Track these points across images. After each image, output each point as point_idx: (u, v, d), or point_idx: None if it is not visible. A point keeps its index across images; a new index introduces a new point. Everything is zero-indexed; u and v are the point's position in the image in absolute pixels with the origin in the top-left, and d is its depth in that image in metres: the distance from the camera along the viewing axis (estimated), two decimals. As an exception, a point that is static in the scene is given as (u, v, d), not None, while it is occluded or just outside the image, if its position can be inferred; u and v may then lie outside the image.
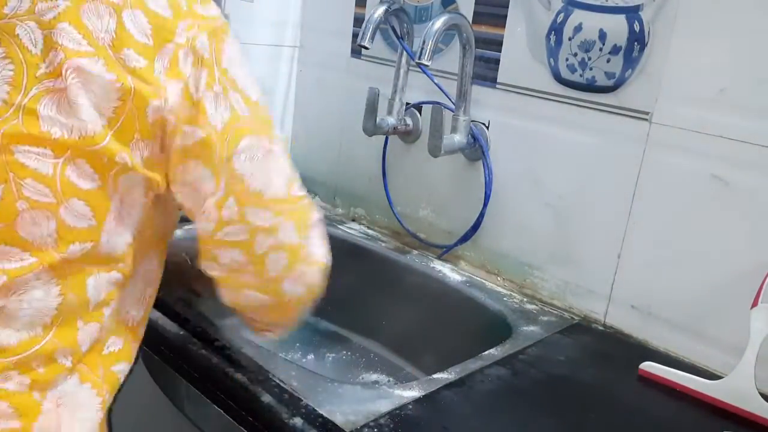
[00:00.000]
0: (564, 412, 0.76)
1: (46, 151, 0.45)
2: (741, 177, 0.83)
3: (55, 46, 0.44)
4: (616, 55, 0.91)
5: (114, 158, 0.47)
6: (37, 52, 0.44)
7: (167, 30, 0.48)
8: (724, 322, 0.85)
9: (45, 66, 0.44)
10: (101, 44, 0.45)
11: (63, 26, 0.45)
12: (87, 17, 0.45)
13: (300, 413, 0.68)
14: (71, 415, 0.51)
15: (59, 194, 0.46)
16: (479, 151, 1.07)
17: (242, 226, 0.55)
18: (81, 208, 0.47)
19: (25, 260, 0.46)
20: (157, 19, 0.47)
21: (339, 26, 1.28)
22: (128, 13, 0.46)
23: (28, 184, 0.45)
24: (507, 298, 1.03)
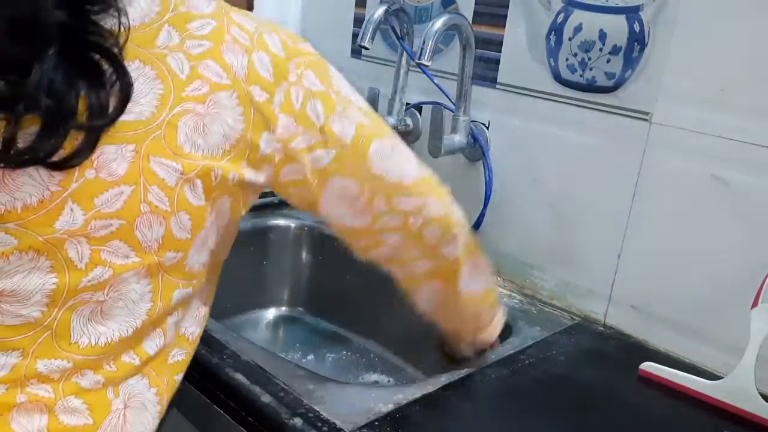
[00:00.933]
0: (564, 412, 0.76)
1: (176, 166, 0.50)
2: (741, 177, 0.83)
3: (200, 77, 0.51)
4: (616, 55, 0.91)
5: (227, 178, 0.53)
6: (183, 78, 0.51)
7: (283, 69, 0.55)
8: (724, 322, 0.85)
9: (190, 90, 0.51)
10: (237, 78, 0.53)
11: (207, 62, 0.52)
12: (227, 55, 0.53)
13: (300, 413, 0.68)
14: (136, 417, 0.54)
15: (174, 205, 0.51)
16: (479, 151, 1.07)
17: (394, 214, 0.65)
18: (185, 221, 0.52)
19: (130, 258, 0.50)
20: (276, 60, 0.55)
21: (339, 26, 1.28)
22: (256, 55, 0.54)
23: (154, 190, 0.50)
24: (507, 298, 1.03)
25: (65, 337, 0.50)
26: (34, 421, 0.50)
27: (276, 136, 0.56)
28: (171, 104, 0.50)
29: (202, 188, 0.52)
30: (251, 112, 0.54)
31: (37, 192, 0.47)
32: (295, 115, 0.56)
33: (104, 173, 0.48)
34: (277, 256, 1.25)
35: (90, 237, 0.49)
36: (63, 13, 0.45)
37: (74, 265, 0.49)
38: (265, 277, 1.24)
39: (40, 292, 0.49)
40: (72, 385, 0.51)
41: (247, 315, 1.21)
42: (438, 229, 0.69)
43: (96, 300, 0.51)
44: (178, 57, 0.51)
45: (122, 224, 0.49)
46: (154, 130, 0.50)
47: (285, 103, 0.55)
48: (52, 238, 0.48)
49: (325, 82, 0.59)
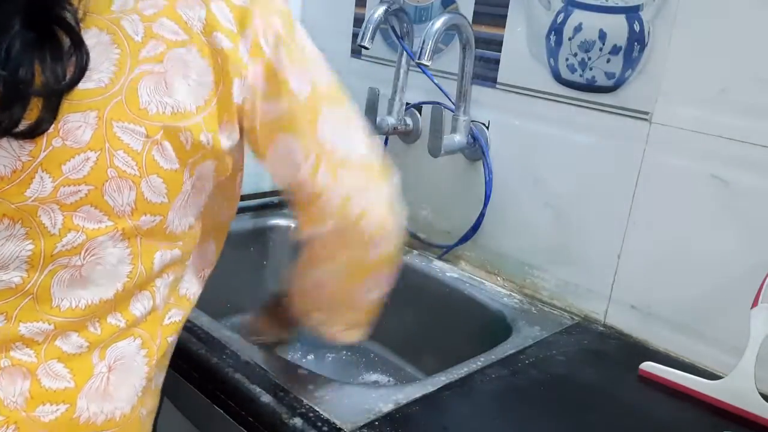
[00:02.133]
0: (564, 412, 0.76)
1: (140, 130, 0.51)
2: (741, 177, 0.83)
3: (156, 36, 0.51)
4: (616, 55, 0.91)
5: (198, 138, 0.53)
6: (138, 40, 0.51)
7: (246, 17, 0.54)
8: (724, 322, 0.85)
9: (146, 51, 0.51)
10: (195, 31, 0.52)
11: (162, 20, 0.52)
12: (182, 10, 0.52)
13: (300, 413, 0.68)
14: (121, 380, 0.55)
15: (143, 169, 0.51)
16: (479, 151, 1.07)
17: (336, 190, 0.61)
18: (158, 185, 0.53)
19: (103, 223, 0.52)
20: (237, 9, 0.54)
21: (339, 26, 1.28)
22: (215, 5, 0.53)
23: (120, 155, 0.51)
24: (507, 298, 1.03)
25: (46, 301, 0.52)
26: (17, 385, 0.51)
27: (248, 82, 0.55)
28: (129, 68, 0.51)
29: (173, 151, 0.52)
30: (218, 61, 0.53)
31: (9, 163, 0.49)
32: (264, 60, 0.55)
33: (70, 141, 0.50)
34: (277, 256, 1.25)
35: (61, 203, 0.50)
36: None
37: (48, 231, 0.51)
38: (265, 277, 1.24)
39: (18, 259, 0.51)
40: (54, 350, 0.53)
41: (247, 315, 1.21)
42: (377, 215, 0.64)
43: (73, 264, 0.52)
44: (132, 19, 0.51)
45: (91, 189, 0.51)
46: (114, 96, 0.50)
47: (253, 47, 0.54)
48: (23, 206, 0.50)
49: (290, 33, 0.57)
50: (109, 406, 0.55)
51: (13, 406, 0.51)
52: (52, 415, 0.52)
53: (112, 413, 0.55)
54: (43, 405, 0.52)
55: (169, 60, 0.51)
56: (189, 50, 0.52)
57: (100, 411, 0.54)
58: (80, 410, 0.53)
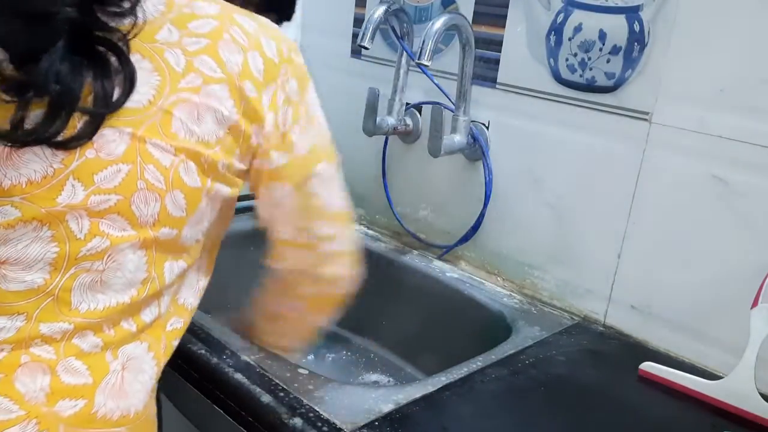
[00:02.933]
0: (564, 412, 0.76)
1: (169, 148, 0.55)
2: (741, 177, 0.83)
3: (196, 70, 0.56)
4: (616, 55, 0.91)
5: (216, 164, 0.58)
6: (179, 71, 0.55)
7: (274, 72, 0.60)
8: (724, 322, 0.85)
9: (185, 82, 0.55)
10: (231, 73, 0.57)
11: (203, 57, 0.56)
12: (222, 51, 0.57)
13: (300, 413, 0.68)
14: (133, 377, 0.58)
15: (169, 184, 0.55)
16: (479, 152, 1.07)
17: (311, 235, 0.70)
18: (180, 200, 0.56)
19: (126, 231, 0.54)
20: (269, 63, 0.60)
21: (339, 26, 1.28)
22: (251, 54, 0.58)
23: (150, 169, 0.54)
24: (507, 298, 1.03)
25: (66, 304, 0.54)
26: (37, 380, 0.53)
27: (264, 131, 0.60)
28: (167, 94, 0.54)
29: (196, 170, 0.57)
30: (242, 105, 0.58)
31: (41, 168, 0.52)
32: (277, 115, 0.61)
33: (104, 153, 0.53)
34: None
35: (90, 210, 0.53)
36: (73, 10, 0.50)
37: (74, 236, 0.53)
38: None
39: (43, 260, 0.53)
40: (72, 347, 0.55)
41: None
42: (341, 259, 0.74)
43: (95, 269, 0.54)
44: (175, 52, 0.55)
45: (120, 199, 0.54)
46: (150, 117, 0.54)
47: (272, 103, 0.60)
48: (54, 211, 0.52)
49: (302, 96, 0.64)
50: (124, 402, 0.57)
51: (34, 401, 0.52)
52: (72, 410, 0.54)
53: (127, 410, 0.57)
54: (63, 400, 0.53)
55: (204, 92, 0.56)
56: (222, 88, 0.57)
57: (116, 407, 0.56)
58: (98, 406, 0.55)
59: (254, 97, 0.59)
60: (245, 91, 0.58)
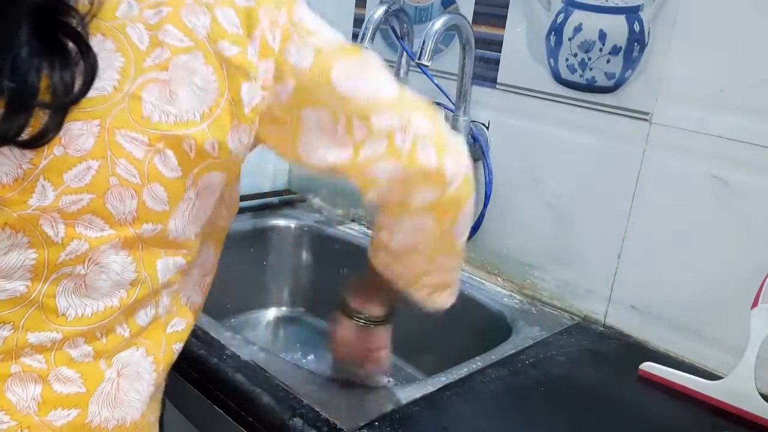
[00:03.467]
0: (564, 412, 0.76)
1: (142, 138, 0.50)
2: (741, 177, 0.83)
3: (161, 44, 0.51)
4: (616, 55, 0.91)
5: (203, 146, 0.52)
6: (143, 48, 0.50)
7: (252, 18, 0.54)
8: (724, 322, 0.85)
9: (151, 59, 0.50)
10: (200, 38, 0.52)
11: (167, 27, 0.51)
12: (186, 17, 0.52)
13: (300, 413, 0.68)
14: (130, 385, 0.56)
15: (145, 177, 0.51)
16: (479, 152, 1.07)
17: (377, 136, 0.58)
18: (160, 193, 0.52)
19: (105, 231, 0.51)
20: (242, 10, 0.53)
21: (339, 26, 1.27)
22: (219, 10, 0.53)
23: (122, 163, 0.50)
24: (507, 298, 1.03)
25: (53, 311, 0.52)
26: (29, 390, 0.52)
27: (260, 83, 0.54)
28: (132, 76, 0.50)
29: (176, 159, 0.52)
30: (223, 68, 0.53)
31: (11, 171, 0.49)
32: (275, 56, 0.55)
33: (72, 149, 0.49)
34: (277, 256, 1.25)
35: (63, 212, 0.50)
36: None
37: (51, 240, 0.50)
38: (265, 277, 1.24)
39: (22, 268, 0.51)
40: (64, 355, 0.53)
41: (247, 315, 1.21)
42: (433, 147, 0.60)
43: (78, 273, 0.52)
44: (137, 27, 0.51)
45: (92, 198, 0.50)
46: (117, 104, 0.50)
47: (262, 49, 0.54)
48: (25, 215, 0.49)
49: (298, 23, 0.57)
50: (119, 412, 0.55)
51: (25, 410, 0.51)
52: (64, 420, 0.52)
53: (122, 419, 0.55)
54: (55, 409, 0.52)
55: (174, 67, 0.51)
56: (194, 56, 0.52)
57: (111, 416, 0.55)
58: (92, 415, 0.53)
59: (236, 53, 0.53)
60: (223, 51, 0.52)
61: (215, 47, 0.52)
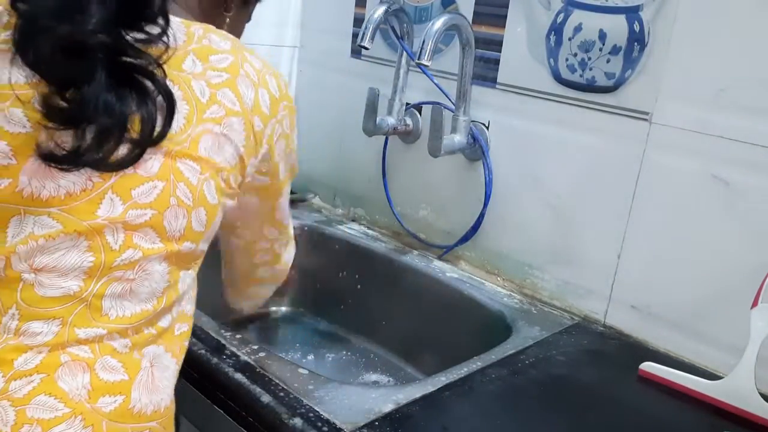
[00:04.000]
0: (564, 412, 0.76)
1: (196, 167, 0.59)
2: (741, 177, 0.83)
3: (218, 102, 0.60)
4: (616, 55, 0.91)
5: (229, 181, 0.62)
6: (204, 102, 0.59)
7: (276, 107, 0.65)
8: (724, 322, 0.85)
9: (210, 113, 0.59)
10: (246, 108, 0.62)
11: (224, 91, 0.60)
12: (240, 86, 0.61)
13: (300, 413, 0.68)
14: (161, 374, 0.60)
15: (196, 200, 0.59)
16: (479, 152, 1.07)
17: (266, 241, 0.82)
18: (203, 216, 0.60)
19: (156, 244, 0.58)
20: (272, 99, 0.65)
21: (339, 26, 1.28)
22: (260, 90, 0.63)
23: (180, 187, 0.58)
24: (507, 298, 1.03)
25: (98, 310, 0.56)
26: (78, 378, 0.55)
27: (257, 160, 0.66)
28: (195, 123, 0.58)
29: (215, 188, 0.61)
30: (251, 138, 0.63)
31: (80, 182, 0.54)
32: (271, 146, 0.67)
33: (141, 170, 0.56)
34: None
35: (126, 224, 0.56)
36: (103, 36, 0.53)
37: (110, 247, 0.56)
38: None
39: (79, 269, 0.55)
40: (107, 347, 0.57)
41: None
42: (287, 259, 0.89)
43: (127, 278, 0.57)
44: (200, 84, 0.59)
45: (154, 214, 0.57)
46: (181, 143, 0.58)
47: (270, 135, 0.66)
48: (94, 224, 0.55)
49: (291, 128, 0.70)
50: (156, 397, 0.59)
51: (77, 398, 0.54)
52: (112, 406, 0.56)
53: (158, 405, 0.59)
54: (104, 396, 0.55)
55: (225, 124, 0.60)
56: (239, 121, 0.61)
57: (149, 402, 0.58)
58: (134, 401, 0.57)
59: (260, 130, 0.64)
60: (254, 125, 0.63)
61: (252, 119, 0.63)
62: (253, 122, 0.63)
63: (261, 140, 0.64)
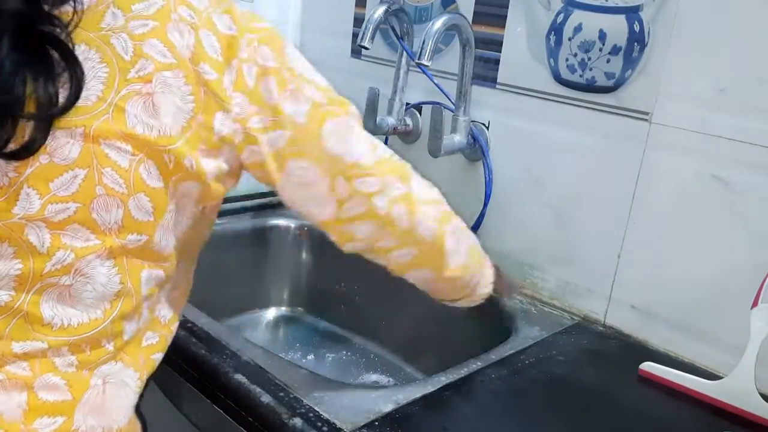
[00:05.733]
0: (564, 412, 0.76)
1: (127, 147, 0.50)
2: (741, 177, 0.83)
3: (145, 56, 0.51)
4: (616, 55, 0.91)
5: (182, 161, 0.53)
6: (128, 59, 0.51)
7: (233, 47, 0.54)
8: (724, 322, 0.85)
9: (135, 71, 0.51)
10: (183, 57, 0.52)
11: (152, 41, 0.51)
12: (171, 34, 0.52)
13: (300, 413, 0.68)
14: (115, 392, 0.55)
15: (131, 187, 0.51)
16: (479, 152, 1.07)
17: (358, 197, 0.61)
18: (145, 203, 0.52)
19: (90, 241, 0.51)
20: (225, 38, 0.54)
21: (339, 26, 1.28)
22: (203, 32, 0.53)
23: (108, 172, 0.50)
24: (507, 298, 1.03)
25: (38, 320, 0.51)
26: (13, 398, 0.51)
27: (232, 115, 0.55)
28: (117, 87, 0.50)
29: (158, 170, 0.52)
30: (201, 92, 0.53)
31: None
32: (248, 93, 0.55)
33: (57, 158, 0.49)
34: (277, 256, 1.25)
35: (48, 221, 0.50)
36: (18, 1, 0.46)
37: (36, 251, 0.50)
38: (265, 277, 1.24)
39: (6, 278, 0.50)
40: (48, 363, 0.52)
41: (247, 315, 1.21)
42: (405, 207, 0.64)
43: (63, 284, 0.51)
44: (121, 37, 0.51)
45: (79, 207, 0.50)
46: (102, 113, 0.50)
47: (237, 80, 0.54)
48: (11, 224, 0.49)
49: (279, 58, 0.57)
50: (106, 419, 0.55)
51: (11, 419, 0.51)
52: (50, 428, 0.52)
53: (109, 427, 0.55)
54: (41, 417, 0.52)
55: (157, 81, 0.51)
56: (176, 74, 0.52)
57: (97, 425, 0.54)
58: (77, 423, 0.53)
59: (213, 79, 0.53)
60: (202, 74, 0.53)
61: (196, 68, 0.52)
62: (199, 71, 0.52)
63: (220, 91, 0.53)
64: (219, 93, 0.54)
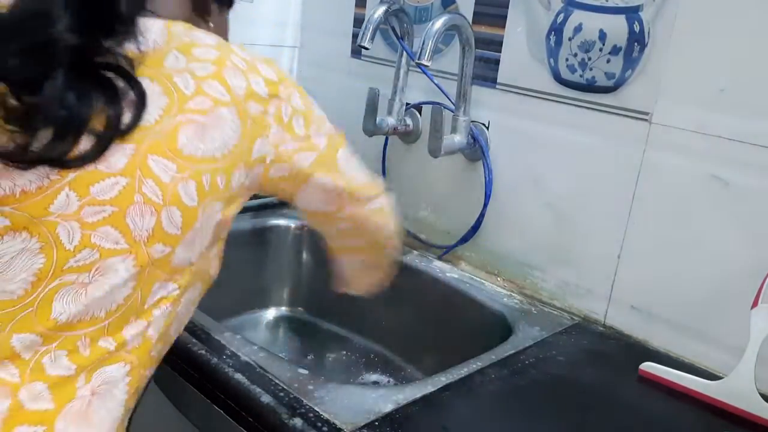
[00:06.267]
0: (564, 412, 0.76)
1: (172, 166, 0.55)
2: (741, 177, 0.83)
3: (205, 94, 0.57)
4: (616, 55, 0.91)
5: (215, 180, 0.58)
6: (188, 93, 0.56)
7: (274, 89, 0.63)
8: (724, 322, 0.85)
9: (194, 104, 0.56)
10: (236, 96, 0.59)
11: (211, 82, 0.58)
12: (227, 76, 0.59)
13: (300, 413, 0.68)
14: (101, 403, 0.55)
15: (167, 199, 0.54)
16: (479, 152, 1.07)
17: (353, 205, 0.76)
18: (177, 218, 0.56)
19: (119, 245, 0.53)
20: (268, 82, 0.63)
21: (339, 26, 1.28)
22: (252, 76, 0.61)
23: (149, 183, 0.53)
24: (507, 298, 1.03)
25: (45, 314, 0.52)
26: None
27: (269, 140, 0.63)
28: (174, 113, 0.55)
29: (195, 190, 0.56)
30: (248, 124, 0.60)
31: (37, 180, 0.51)
32: (283, 125, 0.64)
33: (103, 166, 0.52)
34: (277, 256, 1.25)
35: (82, 221, 0.52)
36: (74, 36, 0.49)
37: (63, 245, 0.52)
38: (265, 277, 1.24)
39: (27, 271, 0.51)
40: (39, 371, 0.52)
41: (247, 315, 1.21)
42: (381, 220, 0.80)
43: (80, 282, 0.52)
44: (184, 77, 0.56)
45: (115, 211, 0.52)
46: (155, 134, 0.54)
47: (276, 115, 0.63)
48: (45, 221, 0.51)
49: (306, 104, 0.68)
50: (88, 430, 0.54)
51: None
52: None
53: None
54: (21, 426, 0.51)
55: (212, 114, 0.57)
56: (230, 111, 0.58)
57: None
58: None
59: (259, 112, 0.61)
60: (250, 110, 0.60)
61: (246, 106, 0.60)
62: (248, 108, 0.60)
63: (262, 120, 0.62)
64: (261, 123, 0.61)
